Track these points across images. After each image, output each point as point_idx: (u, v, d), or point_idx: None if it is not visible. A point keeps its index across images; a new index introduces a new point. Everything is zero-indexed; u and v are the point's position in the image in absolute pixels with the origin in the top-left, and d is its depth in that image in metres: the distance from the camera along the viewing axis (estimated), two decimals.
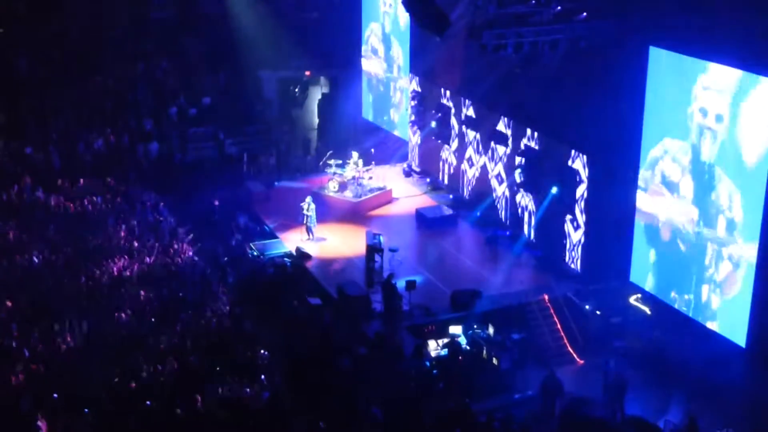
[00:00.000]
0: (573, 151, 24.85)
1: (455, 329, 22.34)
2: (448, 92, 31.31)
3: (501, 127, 28.18)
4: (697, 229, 21.32)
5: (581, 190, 24.58)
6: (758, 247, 19.74)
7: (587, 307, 23.43)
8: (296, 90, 38.85)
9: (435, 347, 22.05)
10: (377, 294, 23.92)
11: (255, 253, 26.91)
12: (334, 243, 28.25)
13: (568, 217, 25.23)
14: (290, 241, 27.95)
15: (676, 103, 21.47)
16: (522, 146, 27.00)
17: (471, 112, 29.91)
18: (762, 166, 19.41)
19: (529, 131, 26.77)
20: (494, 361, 21.36)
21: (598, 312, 23.22)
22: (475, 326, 22.42)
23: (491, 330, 22.24)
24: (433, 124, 31.81)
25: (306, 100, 39.14)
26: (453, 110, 31.06)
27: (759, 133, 19.41)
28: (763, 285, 19.89)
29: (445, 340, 22.12)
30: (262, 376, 19.39)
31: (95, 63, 35.49)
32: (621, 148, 23.30)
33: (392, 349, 21.42)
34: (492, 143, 28.68)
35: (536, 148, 26.52)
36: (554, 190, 25.16)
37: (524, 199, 27.31)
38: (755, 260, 19.90)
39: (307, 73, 38.84)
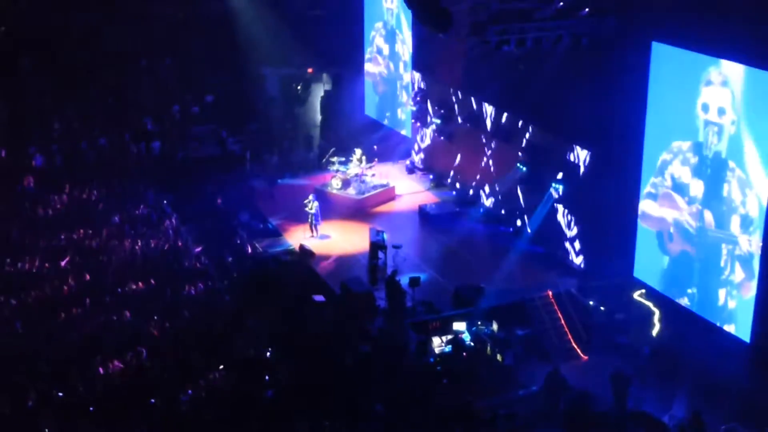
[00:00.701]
0: (575, 147, 24.80)
1: (459, 326, 22.33)
2: (451, 89, 31.24)
3: (504, 123, 28.15)
4: (709, 231, 21.12)
5: (582, 185, 24.58)
6: (762, 239, 19.64)
7: (591, 303, 23.41)
8: (299, 87, 38.77)
9: (439, 344, 22.04)
10: (381, 291, 23.92)
11: (258, 251, 26.91)
12: (337, 240, 28.25)
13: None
14: (294, 239, 27.96)
15: (681, 101, 21.26)
16: (524, 142, 26.97)
17: (474, 109, 29.86)
18: None
19: (531, 127, 26.73)
20: (498, 357, 21.35)
21: (602, 308, 23.20)
22: (479, 323, 22.40)
23: (495, 326, 22.24)
24: (437, 120, 31.78)
25: (308, 97, 39.02)
26: (456, 107, 31.02)
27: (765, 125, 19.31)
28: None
29: (449, 337, 22.12)
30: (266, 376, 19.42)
31: (97, 61, 35.48)
32: (623, 144, 23.20)
33: (396, 345, 21.40)
34: (494, 139, 28.63)
35: (539, 144, 26.46)
36: (559, 188, 25.10)
37: (527, 195, 27.28)
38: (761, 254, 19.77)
39: (310, 70, 38.75)
